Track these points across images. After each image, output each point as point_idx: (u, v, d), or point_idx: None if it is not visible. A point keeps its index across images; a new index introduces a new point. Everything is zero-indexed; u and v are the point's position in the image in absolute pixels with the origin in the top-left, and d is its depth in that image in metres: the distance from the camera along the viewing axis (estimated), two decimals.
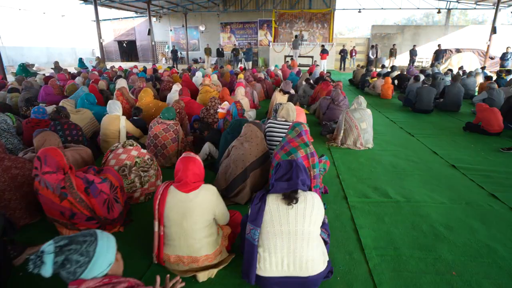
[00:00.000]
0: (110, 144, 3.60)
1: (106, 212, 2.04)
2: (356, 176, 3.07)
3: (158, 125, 3.31)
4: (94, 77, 7.36)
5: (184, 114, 3.89)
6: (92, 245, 1.08)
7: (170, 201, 1.69)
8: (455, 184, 2.90)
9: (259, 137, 2.56)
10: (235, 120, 3.04)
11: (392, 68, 10.45)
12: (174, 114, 3.38)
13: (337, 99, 4.72)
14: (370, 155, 3.66)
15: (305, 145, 2.34)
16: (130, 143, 2.70)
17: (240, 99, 5.01)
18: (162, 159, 3.30)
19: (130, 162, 2.59)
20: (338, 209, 2.45)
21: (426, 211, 2.40)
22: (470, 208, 2.47)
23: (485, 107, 4.55)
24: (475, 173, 3.16)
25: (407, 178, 3.02)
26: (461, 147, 4.02)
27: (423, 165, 3.36)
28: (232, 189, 2.51)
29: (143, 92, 4.54)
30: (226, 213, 1.88)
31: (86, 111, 4.15)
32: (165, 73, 8.82)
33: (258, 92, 6.99)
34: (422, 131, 4.76)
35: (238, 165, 2.49)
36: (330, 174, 3.08)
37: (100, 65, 13.60)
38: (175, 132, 3.33)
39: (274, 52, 16.94)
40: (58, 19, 21.88)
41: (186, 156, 1.75)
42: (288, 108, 2.91)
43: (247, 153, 2.50)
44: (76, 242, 1.07)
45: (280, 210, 1.53)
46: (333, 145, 4.00)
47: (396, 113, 6.08)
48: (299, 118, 3.94)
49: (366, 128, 3.83)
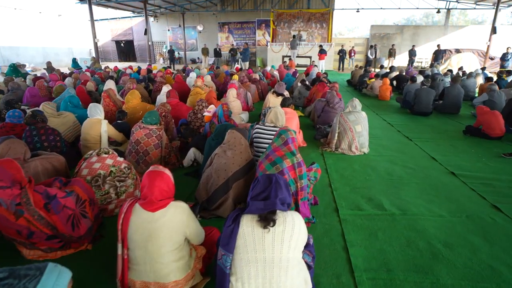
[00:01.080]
0: (91, 149, 3.41)
1: (70, 230, 1.86)
2: (349, 185, 2.88)
3: (140, 130, 3.13)
4: (84, 78, 7.17)
5: (170, 118, 3.71)
6: (33, 282, 0.90)
7: (134, 221, 1.50)
8: (455, 194, 2.71)
9: (243, 144, 2.37)
10: (220, 125, 2.85)
11: (391, 68, 10.27)
12: (157, 118, 3.20)
13: (332, 101, 4.53)
14: (365, 161, 3.47)
15: (291, 154, 2.15)
16: (106, 150, 2.51)
17: (232, 101, 4.83)
18: (144, 166, 3.11)
19: (104, 172, 2.40)
20: (328, 223, 2.26)
21: (423, 226, 2.22)
22: (470, 221, 2.29)
23: (486, 110, 4.36)
24: (475, 181, 2.97)
25: (403, 187, 2.84)
26: (460, 152, 3.84)
27: (421, 173, 3.17)
28: (213, 201, 2.32)
29: (129, 94, 4.35)
30: (200, 231, 1.69)
31: (69, 115, 3.96)
32: (159, 73, 8.63)
33: (253, 94, 6.80)
34: (420, 134, 4.58)
35: (220, 175, 2.31)
36: (321, 183, 2.89)
37: (95, 65, 13.42)
38: (158, 137, 3.15)
39: (272, 52, 16.75)
40: (54, 19, 21.69)
41: (153, 170, 1.56)
42: (276, 112, 2.72)
43: (229, 162, 2.31)
44: (15, 276, 0.89)
45: (255, 234, 1.34)
46: (326, 150, 3.82)
47: (394, 115, 5.90)
48: (292, 122, 3.77)
49: (361, 131, 3.64)
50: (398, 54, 17.09)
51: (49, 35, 21.21)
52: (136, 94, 4.37)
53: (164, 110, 3.67)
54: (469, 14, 34.53)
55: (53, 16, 21.59)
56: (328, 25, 18.42)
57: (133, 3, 17.46)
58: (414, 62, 15.79)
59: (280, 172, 2.11)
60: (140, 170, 3.11)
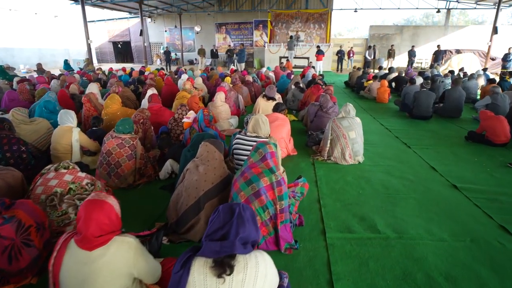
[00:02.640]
0: (61, 160, 3.13)
1: (6, 263, 1.58)
2: (340, 201, 2.60)
3: (111, 139, 2.85)
4: (71, 80, 6.90)
5: (148, 125, 3.43)
6: None
7: (67, 261, 1.23)
8: (457, 212, 2.43)
9: (217, 159, 2.09)
10: (196, 134, 2.57)
11: (390, 69, 9.99)
12: (131, 126, 2.92)
13: (325, 105, 4.25)
14: (359, 172, 3.19)
15: (270, 171, 1.88)
16: (65, 165, 2.24)
17: (219, 105, 4.56)
18: (116, 179, 2.84)
19: (61, 190, 2.13)
20: (312, 249, 1.98)
21: (422, 252, 1.94)
22: (476, 247, 2.01)
23: (490, 115, 4.08)
24: (480, 196, 2.69)
25: (400, 203, 2.56)
26: (463, 161, 3.56)
27: (420, 185, 2.90)
28: (183, 223, 2.04)
29: (109, 99, 4.08)
30: (155, 269, 1.42)
31: (42, 121, 3.69)
32: (150, 75, 8.37)
33: (245, 96, 6.54)
34: (420, 141, 4.30)
35: (190, 193, 2.03)
36: (309, 198, 2.62)
37: (89, 67, 13.16)
38: (132, 148, 2.87)
39: (270, 53, 16.48)
40: (50, 20, 21.48)
41: (91, 200, 1.29)
42: (258, 121, 2.44)
43: (201, 179, 2.03)
44: None
45: (207, 284, 1.07)
46: (318, 158, 3.54)
47: (392, 119, 5.62)
48: (282, 129, 3.50)
49: (355, 138, 3.36)
50: (397, 55, 16.80)
51: (45, 36, 20.99)
52: (116, 98, 4.09)
53: (142, 117, 3.40)
54: (469, 15, 34.26)
55: (49, 17, 21.37)
56: (327, 26, 18.17)
57: (129, 4, 17.22)
58: (414, 63, 15.51)
59: (256, 192, 1.83)
60: (112, 183, 2.85)
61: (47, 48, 21.21)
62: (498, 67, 13.78)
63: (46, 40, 21.08)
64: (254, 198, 1.83)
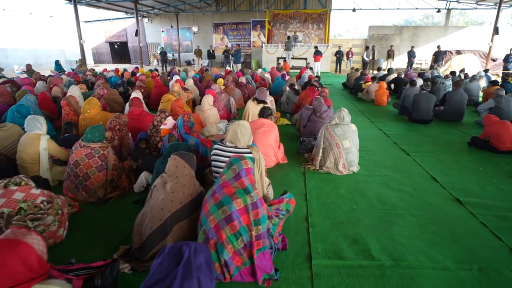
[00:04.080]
0: (28, 171, 2.88)
1: None
2: (331, 218, 2.34)
3: (80, 149, 2.59)
4: (56, 82, 6.63)
5: (125, 132, 3.16)
6: None
7: None
8: (462, 232, 2.17)
9: (187, 174, 1.83)
10: (170, 145, 2.31)
11: (389, 71, 9.72)
12: (101, 134, 2.66)
13: (319, 109, 3.98)
14: (354, 184, 2.92)
15: (244, 191, 1.61)
16: (17, 181, 1.97)
17: (207, 109, 4.30)
18: (84, 193, 2.57)
19: (9, 210, 1.86)
20: (295, 280, 1.71)
21: (422, 285, 1.67)
22: (485, 277, 1.74)
23: (494, 120, 3.82)
24: (486, 212, 2.42)
25: (398, 222, 2.29)
26: (466, 170, 3.29)
27: (420, 200, 2.63)
28: (147, 249, 1.77)
29: (86, 103, 3.81)
30: None
31: (13, 127, 3.41)
32: (142, 76, 8.10)
33: (238, 99, 6.28)
34: (420, 147, 4.03)
35: (155, 215, 1.76)
36: (297, 215, 2.35)
37: (82, 68, 12.91)
38: (102, 158, 2.61)
39: (267, 54, 16.23)
40: (46, 20, 21.23)
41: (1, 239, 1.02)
42: (236, 131, 2.17)
43: (168, 198, 1.77)
44: None
45: None
46: (310, 168, 3.27)
47: (391, 124, 5.35)
48: (269, 136, 3.23)
49: (350, 148, 3.09)
50: (397, 56, 16.58)
51: (40, 37, 20.74)
52: (94, 102, 3.83)
53: (118, 123, 3.13)
54: (469, 16, 34.04)
55: (44, 17, 21.13)
56: (325, 26, 17.92)
57: (124, 4, 16.97)
58: (414, 64, 15.27)
59: (228, 217, 1.57)
60: (80, 197, 2.59)
61: (42, 49, 20.96)
62: (499, 68, 13.54)
63: (41, 41, 20.83)
64: (225, 224, 1.57)
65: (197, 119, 3.97)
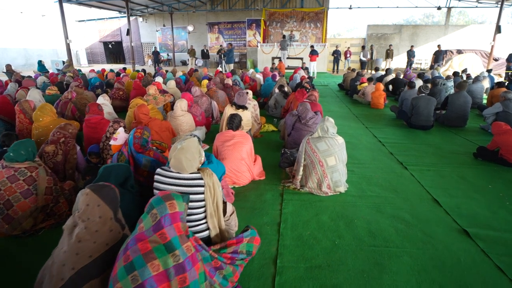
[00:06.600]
0: None
1: None
2: (305, 260, 1.85)
3: (1, 170, 2.11)
4: (27, 84, 6.14)
5: (71, 146, 2.67)
6: None
7: None
8: (474, 281, 1.68)
9: (101, 216, 1.34)
10: (104, 168, 1.82)
11: (387, 71, 9.23)
12: (29, 152, 2.17)
13: (304, 116, 3.50)
14: (339, 209, 2.44)
15: (166, 249, 1.13)
16: None
17: (180, 115, 3.82)
18: (5, 224, 2.09)
19: None
20: None
21: None
22: None
23: (505, 129, 3.33)
24: (502, 249, 1.94)
25: (390, 265, 1.81)
26: (474, 189, 2.80)
27: (419, 231, 2.14)
28: None
29: (39, 109, 3.31)
30: None
31: None
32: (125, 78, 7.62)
33: (222, 101, 5.79)
34: (419, 159, 3.55)
35: (55, 272, 1.28)
36: (263, 254, 1.87)
37: (69, 69, 12.43)
38: (29, 181, 2.12)
39: (263, 53, 15.74)
40: (37, 19, 20.76)
41: None
42: (179, 158, 1.62)
43: (72, 250, 1.28)
44: None
45: None
46: (289, 186, 2.79)
47: (387, 130, 4.86)
48: (241, 149, 2.74)
49: (336, 165, 2.61)
50: (396, 55, 16.10)
51: (31, 36, 20.27)
52: (47, 108, 3.33)
53: (63, 135, 2.65)
54: (469, 15, 33.55)
55: (35, 16, 20.66)
56: (323, 25, 17.44)
57: (116, 2, 16.48)
58: (413, 64, 14.77)
59: (139, 286, 1.08)
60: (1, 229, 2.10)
61: (33, 48, 20.53)
62: (502, 68, 13.07)
63: (32, 40, 20.39)
64: None
65: (167, 127, 3.49)
